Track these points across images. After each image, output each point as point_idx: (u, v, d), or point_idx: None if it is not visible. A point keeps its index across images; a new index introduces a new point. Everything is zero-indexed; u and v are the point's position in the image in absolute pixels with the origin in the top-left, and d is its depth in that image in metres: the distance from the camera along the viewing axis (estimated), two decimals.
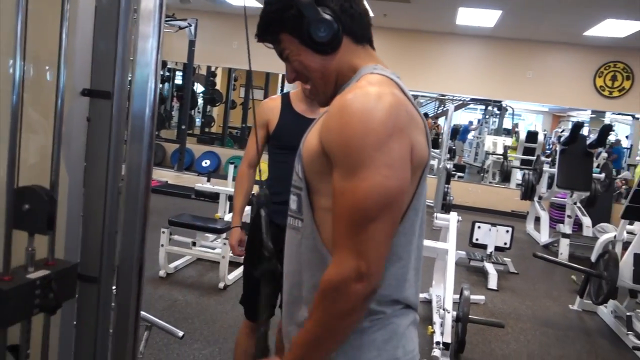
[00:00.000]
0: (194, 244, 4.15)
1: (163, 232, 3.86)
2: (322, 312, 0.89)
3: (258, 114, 2.14)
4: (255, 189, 2.10)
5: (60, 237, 1.49)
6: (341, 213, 0.89)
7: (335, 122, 0.90)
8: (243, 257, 2.21)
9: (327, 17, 0.97)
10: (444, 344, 2.93)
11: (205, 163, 8.96)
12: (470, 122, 12.76)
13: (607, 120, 11.05)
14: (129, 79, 1.51)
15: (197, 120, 11.22)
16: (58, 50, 1.33)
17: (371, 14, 1.08)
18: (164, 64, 9.85)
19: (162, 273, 3.91)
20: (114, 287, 1.64)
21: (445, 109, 10.68)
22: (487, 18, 6.88)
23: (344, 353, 0.96)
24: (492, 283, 4.59)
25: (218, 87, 10.97)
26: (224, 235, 3.97)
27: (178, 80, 10.76)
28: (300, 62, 1.02)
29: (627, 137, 11.23)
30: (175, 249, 4.03)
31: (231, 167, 4.95)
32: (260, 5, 1.08)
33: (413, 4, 6.54)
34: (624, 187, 8.31)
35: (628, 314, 3.61)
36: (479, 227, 4.97)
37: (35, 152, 1.61)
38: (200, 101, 10.98)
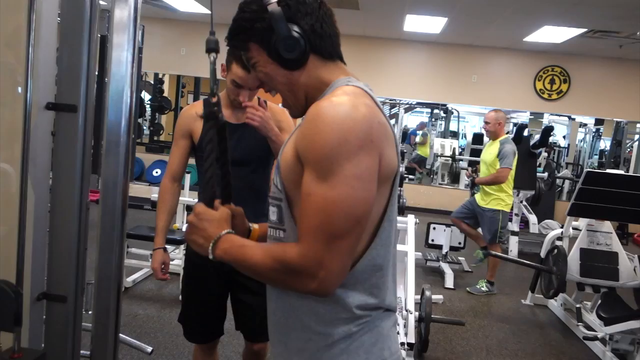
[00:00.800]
0: (152, 256, 4.04)
1: None
2: (269, 270, 0.93)
3: (179, 123, 1.98)
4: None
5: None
6: (309, 215, 0.90)
7: (310, 128, 0.92)
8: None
9: (296, 35, 0.99)
10: (409, 344, 2.99)
11: (156, 172, 8.76)
12: (422, 123, 13.04)
13: (545, 122, 11.62)
14: (100, 90, 1.47)
15: (145, 128, 10.95)
16: (25, 62, 1.27)
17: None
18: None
19: None
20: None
21: (395, 112, 10.92)
22: (433, 25, 7.09)
23: (334, 358, 0.98)
24: (449, 282, 4.72)
25: (166, 94, 10.75)
26: (183, 246, 3.89)
27: None
28: (267, 74, 1.05)
29: (564, 137, 11.81)
30: (133, 262, 3.92)
31: (187, 176, 4.86)
32: (207, 12, 1.09)
33: (362, 11, 6.66)
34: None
35: (577, 306, 3.80)
36: (434, 228, 5.11)
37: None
38: (148, 109, 10.72)
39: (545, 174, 6.87)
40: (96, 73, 1.48)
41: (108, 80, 1.22)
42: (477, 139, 9.81)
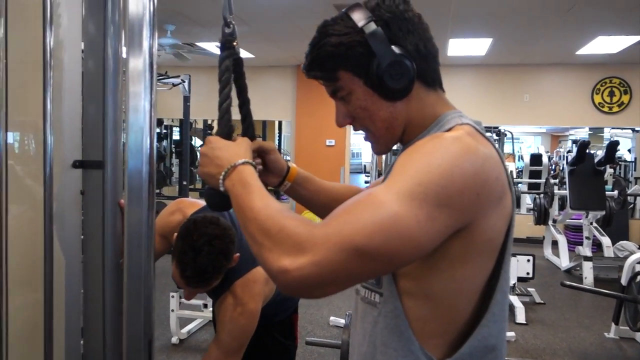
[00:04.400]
0: (205, 305, 3.96)
1: (172, 297, 3.68)
2: (258, 226, 0.73)
3: (161, 223, 1.76)
4: None
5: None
6: (350, 204, 0.70)
7: (417, 146, 0.76)
8: None
9: (403, 59, 0.81)
10: None
11: None
12: None
13: (606, 136, 11.01)
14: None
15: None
16: (43, 119, 1.22)
17: None
18: (160, 121, 9.87)
19: (174, 340, 3.71)
20: None
21: None
22: (478, 47, 6.89)
23: None
24: (521, 317, 4.37)
25: None
26: None
27: (176, 136, 10.75)
28: (365, 108, 0.85)
29: (629, 150, 11.14)
30: (186, 313, 3.84)
31: None
32: (249, 56, 0.99)
33: None
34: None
35: None
36: None
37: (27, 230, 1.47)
38: (199, 155, 10.95)
39: (615, 192, 6.39)
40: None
41: (126, 131, 1.13)
42: (536, 159, 9.36)
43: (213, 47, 6.98)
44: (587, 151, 6.12)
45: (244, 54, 8.13)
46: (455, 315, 0.80)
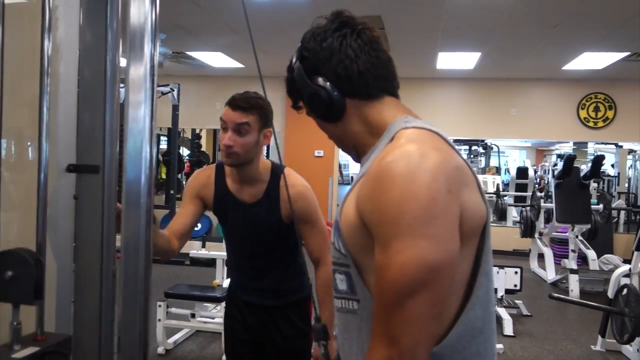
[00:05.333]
0: (193, 315, 3.91)
1: (159, 306, 3.64)
2: None
3: (189, 186, 1.87)
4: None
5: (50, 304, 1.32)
6: (376, 293, 0.76)
7: (373, 189, 0.78)
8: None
9: (317, 89, 0.90)
10: None
11: (197, 227, 8.74)
12: None
13: (590, 151, 11.16)
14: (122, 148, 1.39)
15: (185, 184, 11.10)
16: (38, 125, 1.21)
17: None
18: None
19: (160, 350, 3.66)
20: None
21: None
22: (466, 60, 6.97)
23: None
24: (508, 329, 4.38)
25: (204, 148, 10.92)
26: (224, 303, 3.75)
27: (163, 145, 10.69)
28: (320, 129, 0.98)
29: (612, 165, 11.31)
30: (173, 323, 3.79)
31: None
32: (239, 66, 1.03)
33: (393, 53, 6.52)
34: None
35: None
36: None
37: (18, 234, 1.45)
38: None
39: (600, 206, 6.47)
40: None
41: (125, 138, 1.13)
42: (522, 173, 9.46)
43: (204, 56, 6.98)
44: (573, 165, 6.20)
45: (233, 63, 8.05)
46: None
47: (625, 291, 3.66)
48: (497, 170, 12.06)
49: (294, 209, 1.60)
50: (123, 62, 1.32)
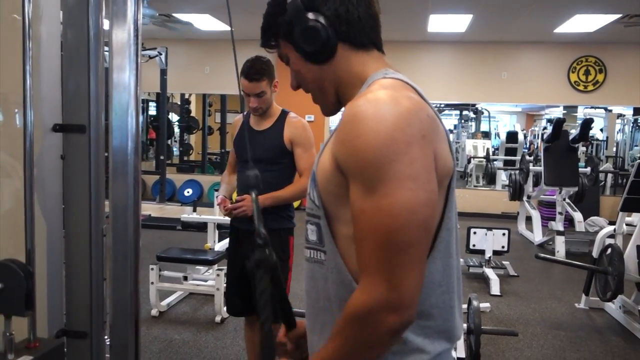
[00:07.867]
0: (185, 278, 3.95)
1: (152, 269, 3.67)
2: (346, 340, 0.79)
3: (231, 133, 2.55)
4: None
5: (41, 304, 1.33)
6: (365, 236, 0.76)
7: (347, 132, 0.79)
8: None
9: (316, 24, 0.87)
10: (459, 359, 2.80)
11: (188, 192, 8.76)
12: (455, 126, 12.75)
13: (579, 116, 11.19)
14: (108, 113, 1.38)
15: (175, 149, 11.03)
16: (22, 89, 1.19)
17: None
18: None
19: (154, 312, 3.71)
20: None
21: None
22: (458, 23, 6.89)
23: None
24: (495, 289, 4.48)
25: (193, 114, 10.82)
26: (216, 266, 3.79)
27: (152, 110, 10.58)
28: (298, 71, 0.95)
29: (601, 129, 11.38)
30: (166, 286, 3.83)
31: (216, 194, 4.78)
32: (228, 29, 0.99)
33: (384, 15, 6.45)
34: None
35: (639, 308, 3.51)
36: (474, 232, 4.88)
37: (8, 198, 1.45)
38: (176, 130, 10.81)
39: (588, 169, 6.55)
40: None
41: (110, 103, 1.12)
42: (511, 137, 9.50)
43: (191, 18, 6.84)
44: (562, 128, 6.23)
45: (220, 25, 7.93)
46: None
47: (609, 251, 3.74)
48: (487, 135, 12.08)
49: (292, 132, 2.28)
50: (107, 24, 1.30)
